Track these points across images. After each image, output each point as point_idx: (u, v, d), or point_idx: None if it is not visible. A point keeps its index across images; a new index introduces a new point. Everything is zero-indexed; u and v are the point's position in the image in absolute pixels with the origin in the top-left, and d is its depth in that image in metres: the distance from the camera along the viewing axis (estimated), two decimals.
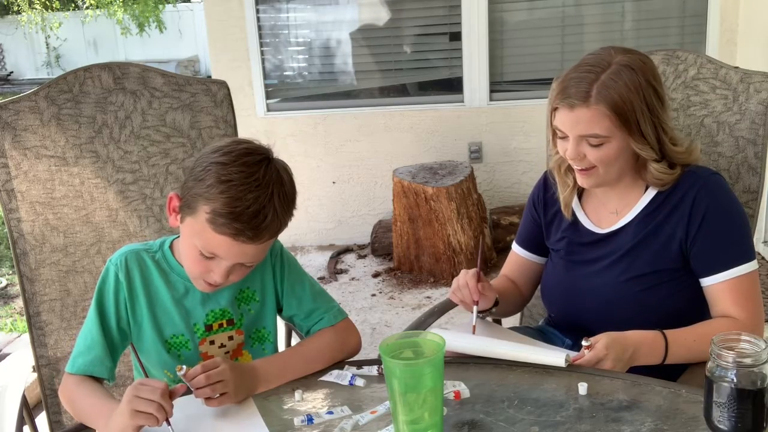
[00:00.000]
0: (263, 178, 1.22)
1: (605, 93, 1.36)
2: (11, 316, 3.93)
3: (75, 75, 1.75)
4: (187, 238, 1.29)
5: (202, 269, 1.28)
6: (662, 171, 1.44)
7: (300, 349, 1.40)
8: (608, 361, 1.29)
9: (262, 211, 1.21)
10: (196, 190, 1.24)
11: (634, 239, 1.49)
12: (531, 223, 1.69)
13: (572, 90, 1.39)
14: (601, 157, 1.41)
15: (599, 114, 1.37)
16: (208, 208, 1.21)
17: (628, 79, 1.37)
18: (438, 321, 1.71)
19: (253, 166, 1.23)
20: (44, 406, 1.74)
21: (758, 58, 3.73)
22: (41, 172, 1.71)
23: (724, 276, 1.42)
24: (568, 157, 1.45)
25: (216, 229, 1.21)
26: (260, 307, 1.42)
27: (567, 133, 1.42)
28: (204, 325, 1.36)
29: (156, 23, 14.69)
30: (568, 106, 1.39)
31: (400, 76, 4.56)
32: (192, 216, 1.25)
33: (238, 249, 1.24)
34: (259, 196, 1.21)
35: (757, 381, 0.99)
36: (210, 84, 1.81)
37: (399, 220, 3.99)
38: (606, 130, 1.38)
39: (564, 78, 1.43)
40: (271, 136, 4.46)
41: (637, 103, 1.38)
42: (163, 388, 1.12)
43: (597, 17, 4.28)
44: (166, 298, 1.35)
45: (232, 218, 1.20)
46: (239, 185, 1.20)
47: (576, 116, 1.39)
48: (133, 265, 1.34)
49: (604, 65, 1.39)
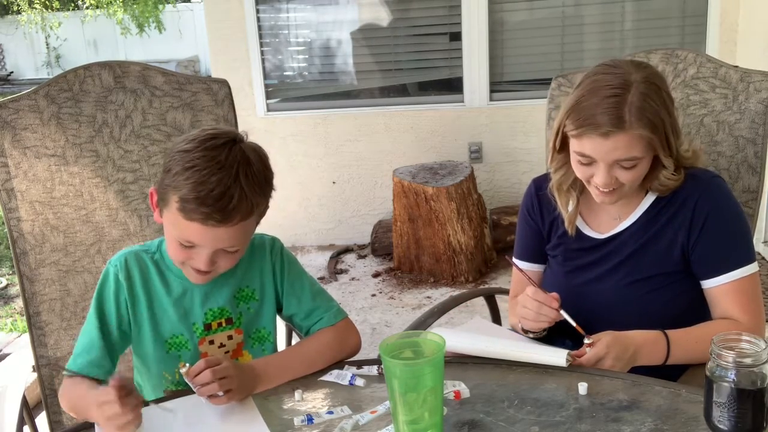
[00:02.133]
0: (226, 160, 1.21)
1: (639, 115, 1.33)
2: (11, 316, 3.92)
3: (75, 74, 1.74)
4: (166, 229, 1.29)
5: (185, 257, 1.28)
6: (669, 177, 1.43)
7: (299, 349, 1.40)
8: (609, 360, 1.28)
9: (227, 193, 1.20)
10: (167, 181, 1.24)
11: (635, 243, 1.48)
12: (530, 233, 1.65)
13: (601, 118, 1.34)
14: (633, 178, 1.40)
15: (637, 137, 1.34)
16: (176, 197, 1.21)
17: (655, 95, 1.35)
18: (438, 321, 1.71)
19: (215, 150, 1.22)
20: (44, 406, 1.74)
21: (758, 57, 3.73)
22: (41, 171, 1.71)
23: (726, 278, 1.42)
24: (599, 184, 1.40)
25: (186, 216, 1.21)
26: (259, 306, 1.41)
27: (599, 160, 1.38)
28: (203, 324, 1.36)
29: (156, 24, 14.68)
30: (601, 135, 1.34)
31: (400, 76, 4.56)
32: (166, 208, 1.26)
33: (211, 234, 1.23)
34: (223, 178, 1.20)
35: (757, 381, 0.99)
36: (211, 83, 1.81)
37: (399, 220, 3.99)
38: (642, 152, 1.36)
39: (580, 105, 1.37)
40: (271, 136, 4.47)
41: (665, 117, 1.36)
42: (119, 399, 1.10)
43: (597, 17, 4.28)
44: (165, 298, 1.35)
45: (198, 203, 1.19)
46: (202, 169, 1.20)
47: (612, 143, 1.34)
48: (133, 266, 1.35)
49: (623, 84, 1.35)
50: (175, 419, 1.22)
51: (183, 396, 1.28)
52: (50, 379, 1.73)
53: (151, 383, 1.41)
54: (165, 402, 1.27)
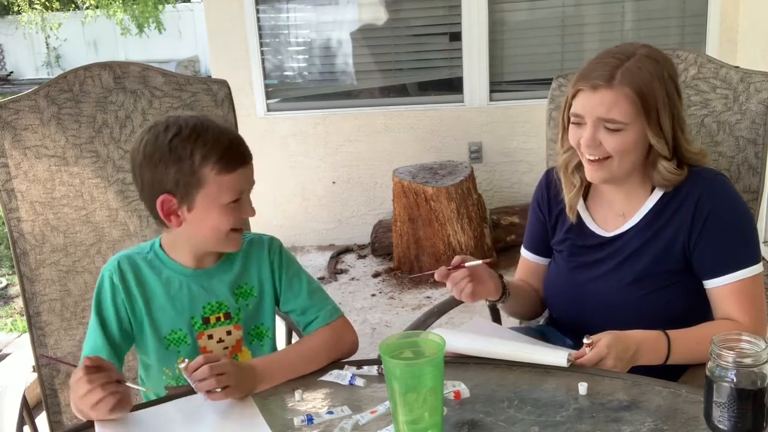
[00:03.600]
0: (204, 121, 1.33)
1: (629, 77, 1.37)
2: (11, 316, 3.93)
3: (75, 74, 1.75)
4: (212, 210, 1.31)
5: (234, 219, 1.33)
6: (671, 171, 1.43)
7: (297, 348, 1.41)
8: (609, 360, 1.28)
9: (233, 135, 1.35)
10: (184, 169, 1.27)
11: (638, 242, 1.48)
12: (537, 225, 1.67)
13: (596, 73, 1.40)
14: (617, 146, 1.40)
15: (622, 96, 1.37)
16: (210, 165, 1.28)
17: (651, 67, 1.39)
18: (438, 321, 1.71)
19: (187, 119, 1.32)
20: (44, 406, 1.74)
21: (758, 57, 3.73)
22: (41, 171, 1.71)
23: (728, 279, 1.41)
24: (583, 144, 1.42)
25: (229, 168, 1.30)
26: (258, 302, 1.43)
27: (585, 117, 1.41)
28: (201, 318, 1.38)
29: (155, 24, 14.68)
30: (591, 87, 1.39)
31: (400, 76, 4.56)
32: (203, 188, 1.29)
33: (250, 172, 1.35)
34: (222, 130, 1.33)
35: (757, 381, 0.99)
36: (211, 83, 1.81)
37: (399, 220, 3.99)
38: (626, 116, 1.38)
39: (586, 66, 1.44)
40: (271, 136, 4.47)
41: (659, 91, 1.39)
42: (85, 375, 1.14)
43: (597, 17, 4.28)
44: (162, 295, 1.37)
45: (234, 149, 1.31)
46: (202, 132, 1.29)
47: (599, 97, 1.39)
48: (126, 268, 1.37)
49: (628, 54, 1.40)
50: (175, 419, 1.22)
51: (183, 394, 1.29)
52: (50, 379, 1.73)
53: (153, 380, 1.42)
54: (140, 387, 1.34)
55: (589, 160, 1.44)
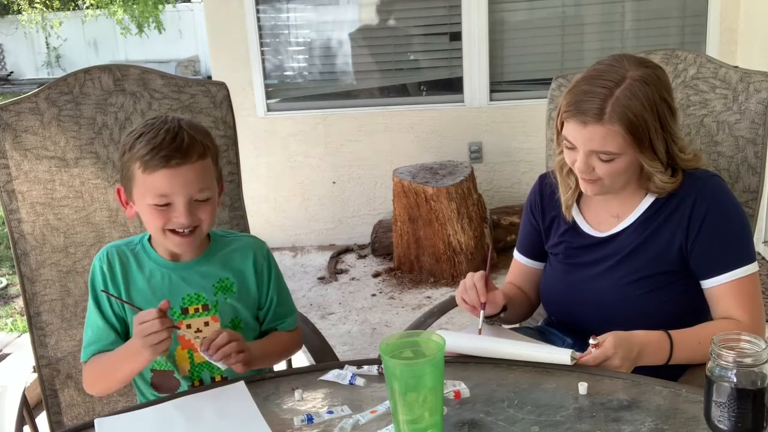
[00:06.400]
0: (166, 120, 1.36)
1: (620, 111, 1.34)
2: (11, 316, 3.93)
3: (75, 77, 1.75)
4: (142, 207, 1.37)
5: (164, 220, 1.35)
6: (666, 181, 1.44)
7: (275, 339, 1.52)
8: (616, 360, 1.28)
9: (177, 135, 1.33)
10: (124, 159, 1.36)
11: (634, 242, 1.48)
12: (530, 229, 1.67)
13: (585, 105, 1.36)
14: (610, 172, 1.41)
15: (613, 133, 1.35)
16: (137, 161, 1.32)
17: (643, 95, 1.35)
18: (438, 321, 1.72)
19: (155, 119, 1.38)
20: (44, 406, 1.74)
21: (758, 57, 3.73)
22: (42, 172, 1.71)
23: (725, 278, 1.41)
24: (577, 169, 1.43)
25: (151, 169, 1.31)
26: (237, 299, 1.47)
27: (577, 146, 1.41)
28: (180, 308, 1.43)
29: (155, 24, 14.68)
30: (580, 122, 1.37)
31: (400, 76, 4.56)
32: (133, 183, 1.35)
33: (179, 177, 1.32)
34: (169, 128, 1.34)
35: (757, 381, 1.00)
36: (209, 85, 1.82)
37: (399, 220, 3.99)
38: (618, 148, 1.37)
39: (575, 88, 1.40)
40: (271, 136, 4.47)
41: (651, 121, 1.36)
42: (159, 317, 1.25)
43: (597, 17, 4.28)
44: (144, 285, 1.43)
45: (157, 150, 1.31)
46: (149, 131, 1.34)
47: (589, 133, 1.37)
48: (113, 258, 1.44)
49: (617, 79, 1.36)
50: (175, 419, 1.22)
51: (181, 394, 1.29)
52: (50, 379, 1.73)
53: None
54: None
55: (582, 178, 1.45)
